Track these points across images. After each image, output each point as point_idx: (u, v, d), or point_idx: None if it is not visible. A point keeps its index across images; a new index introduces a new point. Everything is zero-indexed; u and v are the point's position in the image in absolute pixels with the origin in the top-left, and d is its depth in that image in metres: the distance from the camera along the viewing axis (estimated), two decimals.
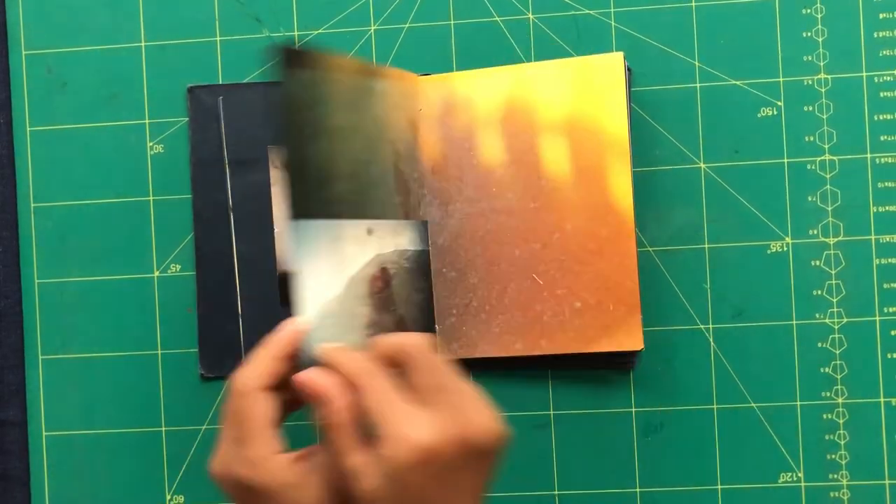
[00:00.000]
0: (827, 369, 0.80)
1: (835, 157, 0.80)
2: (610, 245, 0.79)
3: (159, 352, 0.84)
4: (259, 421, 0.63)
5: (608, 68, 0.78)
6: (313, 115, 0.71)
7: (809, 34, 0.80)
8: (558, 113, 0.79)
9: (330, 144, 0.72)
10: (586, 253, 0.79)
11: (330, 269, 0.71)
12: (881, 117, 0.80)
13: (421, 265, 0.81)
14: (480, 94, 0.80)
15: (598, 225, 0.79)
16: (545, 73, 0.80)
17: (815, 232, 0.80)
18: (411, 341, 0.64)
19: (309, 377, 0.63)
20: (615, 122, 0.78)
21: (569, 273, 0.79)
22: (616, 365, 0.81)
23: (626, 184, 0.78)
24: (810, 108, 0.80)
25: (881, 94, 0.80)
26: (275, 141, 0.82)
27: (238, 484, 0.63)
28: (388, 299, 0.76)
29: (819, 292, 0.80)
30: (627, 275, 0.79)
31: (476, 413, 0.62)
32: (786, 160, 0.80)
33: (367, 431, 0.62)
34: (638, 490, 0.81)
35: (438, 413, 0.61)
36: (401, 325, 0.77)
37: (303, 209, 0.68)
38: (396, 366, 0.64)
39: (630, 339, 0.79)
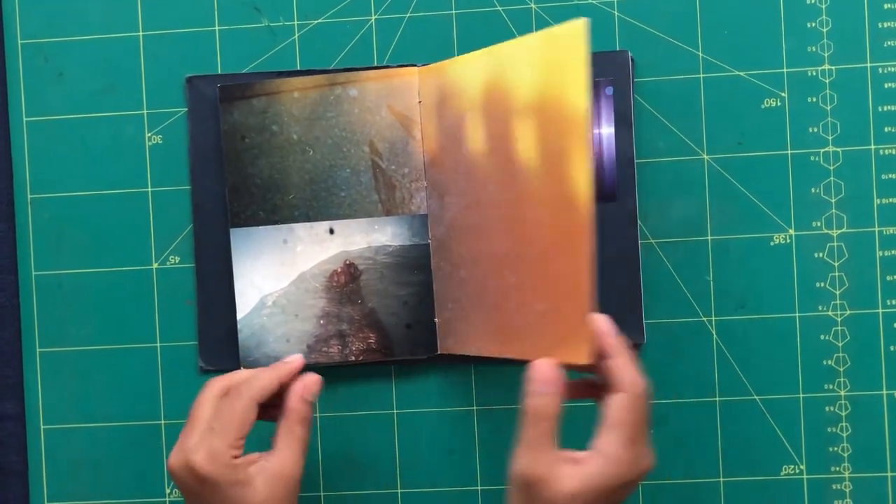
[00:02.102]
0: (829, 362, 0.80)
1: (838, 149, 0.80)
2: (565, 242, 0.69)
3: (158, 344, 0.83)
4: (239, 423, 0.71)
5: (569, 38, 0.67)
6: (260, 138, 0.81)
7: (814, 24, 0.80)
8: (528, 93, 0.71)
9: (282, 159, 0.81)
10: (548, 249, 0.70)
11: (276, 267, 0.81)
12: (885, 108, 0.79)
13: (409, 259, 0.81)
14: (467, 80, 0.76)
15: (559, 218, 0.69)
16: (516, 50, 0.72)
17: (819, 224, 0.80)
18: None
19: (545, 364, 0.67)
20: (575, 99, 0.67)
21: (534, 271, 0.72)
22: None
23: (584, 171, 0.67)
24: (814, 99, 0.80)
25: (885, 85, 0.79)
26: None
27: (192, 473, 0.70)
28: (355, 292, 0.80)
29: (822, 284, 0.80)
30: (580, 277, 0.67)
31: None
32: (789, 151, 0.80)
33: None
34: (640, 482, 0.80)
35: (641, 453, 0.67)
36: (370, 317, 0.81)
37: (241, 219, 0.81)
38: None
39: (577, 352, 0.68)
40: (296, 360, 0.76)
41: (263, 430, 0.77)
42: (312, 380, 0.74)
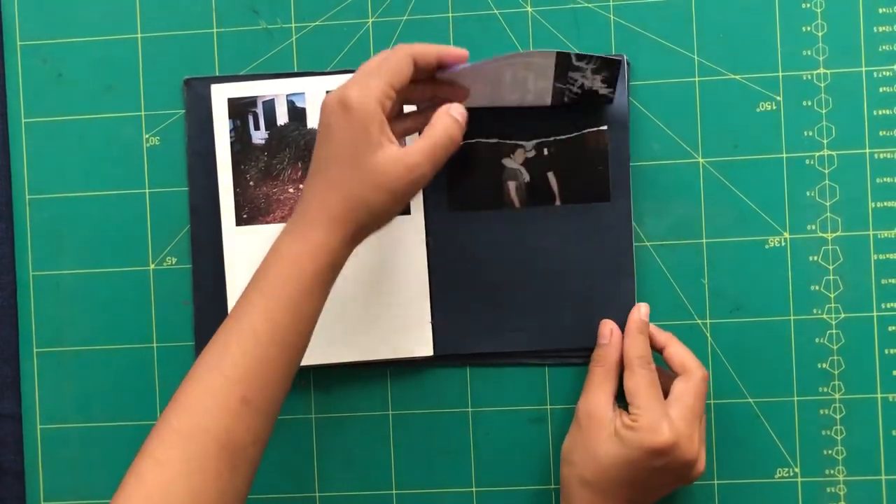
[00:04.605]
0: (824, 365, 0.80)
1: (833, 153, 0.80)
2: None
3: (155, 345, 0.83)
4: (394, 69, 0.72)
5: None
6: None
7: (809, 29, 0.80)
8: None
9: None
10: None
11: None
12: (880, 112, 0.80)
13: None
14: None
15: None
16: None
17: (814, 227, 0.80)
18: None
19: (611, 322, 0.79)
20: None
21: None
22: None
23: None
24: (809, 103, 0.80)
25: (880, 90, 0.80)
26: None
27: (342, 103, 0.70)
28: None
29: (817, 287, 0.80)
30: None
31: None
32: (784, 155, 0.80)
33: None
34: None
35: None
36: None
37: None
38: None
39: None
40: (461, 50, 0.75)
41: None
42: (461, 107, 0.74)
